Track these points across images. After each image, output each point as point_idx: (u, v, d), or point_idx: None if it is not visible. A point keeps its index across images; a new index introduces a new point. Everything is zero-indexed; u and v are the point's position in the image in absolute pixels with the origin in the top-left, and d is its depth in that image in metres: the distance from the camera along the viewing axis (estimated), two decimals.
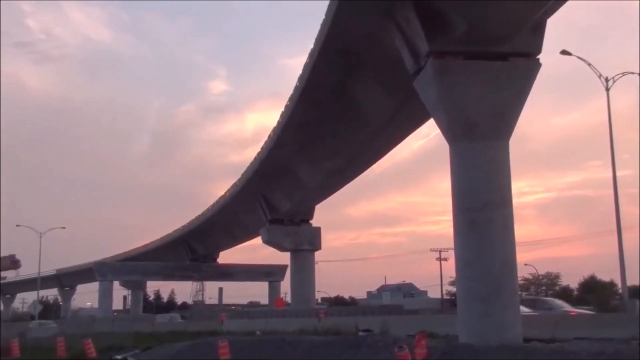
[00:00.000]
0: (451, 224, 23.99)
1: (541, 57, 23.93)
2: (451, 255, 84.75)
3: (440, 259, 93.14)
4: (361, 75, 37.58)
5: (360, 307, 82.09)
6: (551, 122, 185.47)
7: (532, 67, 23.80)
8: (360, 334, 26.32)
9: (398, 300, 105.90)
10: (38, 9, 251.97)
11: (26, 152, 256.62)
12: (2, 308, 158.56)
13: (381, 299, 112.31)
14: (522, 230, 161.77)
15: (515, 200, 23.96)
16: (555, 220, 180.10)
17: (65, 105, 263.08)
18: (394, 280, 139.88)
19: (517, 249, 23.40)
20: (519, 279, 24.80)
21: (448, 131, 23.98)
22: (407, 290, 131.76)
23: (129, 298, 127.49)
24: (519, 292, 24.81)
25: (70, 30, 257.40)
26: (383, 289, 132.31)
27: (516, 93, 23.56)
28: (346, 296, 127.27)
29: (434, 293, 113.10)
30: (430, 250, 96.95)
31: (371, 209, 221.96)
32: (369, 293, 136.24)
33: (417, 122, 41.96)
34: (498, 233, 22.60)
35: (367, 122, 42.51)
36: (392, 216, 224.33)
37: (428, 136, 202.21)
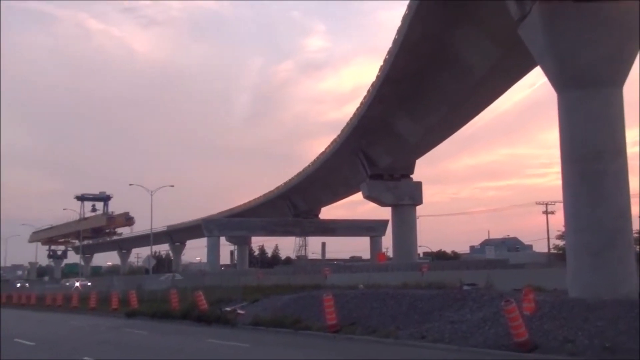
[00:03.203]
0: (559, 176, 23.09)
1: None
2: (558, 208, 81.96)
3: (546, 213, 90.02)
4: (463, 24, 36.45)
5: (464, 261, 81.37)
6: None
7: None
8: (465, 287, 26.04)
9: (502, 254, 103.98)
10: None
11: (134, 113, 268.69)
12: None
13: (484, 253, 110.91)
14: (637, 181, 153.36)
15: (630, 150, 22.65)
16: None
17: (170, 67, 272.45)
18: (497, 234, 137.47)
19: (632, 201, 22.26)
20: (634, 232, 23.56)
21: (556, 79, 22.85)
22: (511, 244, 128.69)
23: (236, 253, 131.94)
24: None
25: None
26: (486, 243, 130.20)
27: (630, 36, 22.01)
28: (448, 251, 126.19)
29: (540, 247, 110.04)
30: (536, 203, 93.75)
31: (473, 163, 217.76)
32: (471, 247, 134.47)
33: (521, 71, 40.34)
34: (611, 184, 21.49)
35: (470, 72, 41.31)
36: (495, 169, 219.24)
37: (533, 86, 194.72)
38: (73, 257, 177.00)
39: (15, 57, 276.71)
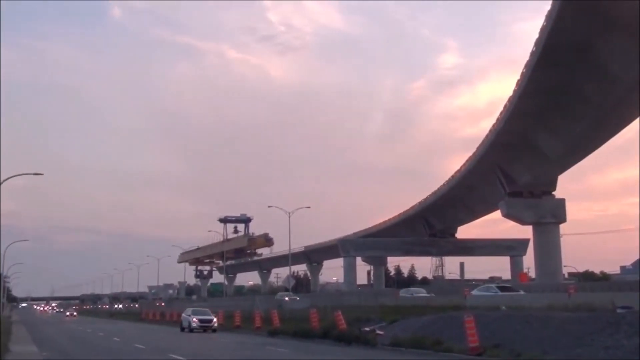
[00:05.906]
0: None
1: None
2: None
3: None
4: (606, 32, 34.69)
5: (615, 282, 76.32)
6: None
7: None
8: (619, 311, 24.37)
9: None
10: (277, 3, 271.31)
11: (272, 137, 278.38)
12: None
13: (638, 273, 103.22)
14: None
15: None
16: None
17: (305, 90, 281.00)
18: None
19: None
20: None
21: None
22: None
23: (372, 273, 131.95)
24: None
25: (306, 20, 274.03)
26: None
27: None
28: (596, 271, 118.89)
29: None
30: None
31: (622, 177, 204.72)
32: (622, 267, 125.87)
33: None
34: None
35: (616, 81, 39.14)
36: None
37: None
38: (218, 277, 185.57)
39: (165, 90, 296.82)
